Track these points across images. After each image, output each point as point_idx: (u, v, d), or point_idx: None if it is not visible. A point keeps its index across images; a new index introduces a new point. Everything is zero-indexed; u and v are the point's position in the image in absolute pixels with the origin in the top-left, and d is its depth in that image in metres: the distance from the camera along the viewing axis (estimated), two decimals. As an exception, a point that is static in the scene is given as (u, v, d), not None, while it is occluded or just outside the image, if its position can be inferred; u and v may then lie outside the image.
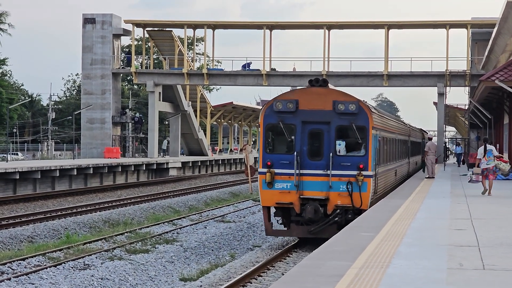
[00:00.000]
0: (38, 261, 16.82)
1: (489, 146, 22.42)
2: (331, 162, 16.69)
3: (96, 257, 17.59)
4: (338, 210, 16.78)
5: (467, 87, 45.51)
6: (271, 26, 53.79)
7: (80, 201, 34.01)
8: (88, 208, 29.51)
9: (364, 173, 16.70)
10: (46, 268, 15.83)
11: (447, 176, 33.66)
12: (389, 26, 47.94)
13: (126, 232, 22.77)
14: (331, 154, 16.71)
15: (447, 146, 49.61)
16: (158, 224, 25.61)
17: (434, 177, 30.12)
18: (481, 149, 21.93)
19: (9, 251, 18.57)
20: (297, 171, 16.82)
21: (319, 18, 71.58)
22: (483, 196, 21.48)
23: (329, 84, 17.79)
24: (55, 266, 16.14)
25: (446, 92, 45.84)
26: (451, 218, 15.33)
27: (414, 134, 36.52)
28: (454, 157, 48.52)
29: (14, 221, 24.27)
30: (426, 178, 29.56)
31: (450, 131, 62.77)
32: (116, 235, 21.99)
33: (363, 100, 18.96)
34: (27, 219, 25.16)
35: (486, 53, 39.63)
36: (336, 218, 16.67)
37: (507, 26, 29.37)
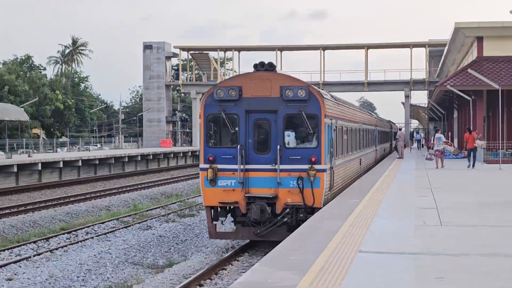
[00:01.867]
0: (113, 224, 17.13)
1: (437, 134, 23.64)
2: (279, 156, 11.48)
3: (156, 220, 17.84)
4: (288, 210, 11.61)
5: (426, 91, 48.09)
6: (281, 49, 54.97)
7: (143, 179, 34.32)
8: (149, 184, 29.75)
9: (316, 167, 11.52)
10: (119, 229, 16.13)
11: (413, 156, 33.98)
12: (368, 47, 50.28)
13: (178, 202, 23.00)
14: (278, 147, 11.50)
15: (413, 134, 50.23)
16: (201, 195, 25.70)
17: (403, 157, 29.80)
18: (433, 137, 23.61)
19: (92, 217, 18.91)
20: (242, 167, 11.63)
21: (317, 42, 68.48)
22: (438, 169, 21.71)
23: (276, 69, 12.35)
24: (125, 227, 16.41)
25: (410, 95, 48.10)
26: (416, 187, 15.10)
27: (382, 124, 33.36)
28: (416, 143, 48.78)
29: (95, 195, 24.65)
30: (397, 158, 29.05)
31: (414, 123, 63.98)
32: (170, 204, 22.25)
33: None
34: (104, 193, 25.49)
35: (439, 66, 40.88)
36: (285, 219, 11.55)
37: (454, 45, 31.79)
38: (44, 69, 69.46)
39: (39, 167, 28.57)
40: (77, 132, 67.96)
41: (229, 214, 12.42)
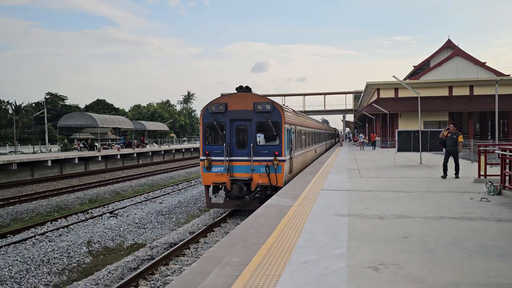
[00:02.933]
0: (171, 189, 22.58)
1: (360, 135, 47.15)
2: (252, 151, 15.17)
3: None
4: (259, 188, 15.18)
5: (352, 114, 78.60)
6: (285, 95, 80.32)
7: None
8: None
9: (278, 158, 15.02)
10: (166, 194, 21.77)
11: (347, 145, 55.70)
12: (325, 93, 78.62)
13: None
14: (252, 145, 15.19)
15: (347, 135, 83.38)
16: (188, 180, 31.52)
17: (342, 145, 52.94)
18: (359, 135, 42.35)
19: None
20: (227, 158, 15.37)
21: (301, 91, 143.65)
22: (360, 151, 37.45)
23: (252, 91, 15.89)
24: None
25: (345, 116, 79.38)
26: (348, 160, 23.59)
27: (330, 129, 54.61)
28: (347, 139, 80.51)
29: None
30: (339, 146, 50.88)
31: (347, 129, 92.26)
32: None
33: (284, 104, 19.15)
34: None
35: (359, 102, 72.73)
36: (257, 195, 15.13)
37: (366, 92, 58.18)
38: (175, 105, 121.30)
39: (173, 151, 58.67)
40: (189, 135, 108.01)
41: (220, 191, 17.10)
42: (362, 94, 64.37)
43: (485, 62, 55.91)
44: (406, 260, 5.78)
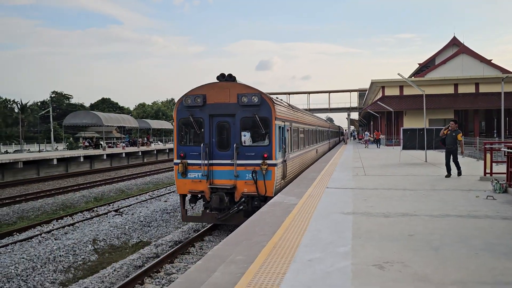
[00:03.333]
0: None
1: (366, 132, 46.36)
2: (236, 152, 12.39)
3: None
4: (244, 198, 12.34)
5: (357, 112, 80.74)
6: (289, 93, 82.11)
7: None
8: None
9: (268, 162, 12.30)
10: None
11: (352, 143, 54.43)
12: (330, 91, 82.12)
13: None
14: (235, 145, 12.40)
15: (352, 133, 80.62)
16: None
17: (347, 143, 52.77)
18: (364, 134, 44.69)
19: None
20: (206, 162, 12.61)
21: (305, 89, 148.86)
22: (365, 149, 37.45)
23: (236, 80, 12.93)
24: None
25: (349, 114, 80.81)
26: (353, 158, 23.37)
27: (333, 127, 51.54)
28: (352, 137, 77.46)
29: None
30: (344, 144, 50.84)
31: (351, 127, 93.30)
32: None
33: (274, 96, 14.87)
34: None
35: (364, 100, 72.49)
36: (241, 207, 12.34)
37: (371, 90, 58.62)
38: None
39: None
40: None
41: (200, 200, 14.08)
42: (367, 92, 64.64)
43: (491, 60, 55.62)
44: (411, 258, 5.76)
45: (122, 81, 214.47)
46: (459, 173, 14.96)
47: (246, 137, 12.66)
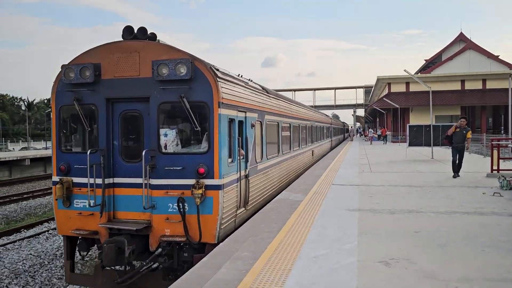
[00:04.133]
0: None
1: (370, 129, 49.10)
2: (151, 165, 7.38)
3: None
4: (162, 249, 7.38)
5: (363, 109, 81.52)
6: (294, 90, 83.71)
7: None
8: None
9: (207, 182, 7.21)
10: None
11: (357, 140, 55.35)
12: (335, 88, 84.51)
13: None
14: (144, 152, 7.32)
15: (357, 130, 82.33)
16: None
17: (353, 140, 53.47)
18: (368, 130, 46.32)
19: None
20: (101, 181, 7.58)
21: (311, 86, 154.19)
22: (370, 145, 38.31)
23: (157, 39, 7.92)
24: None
25: (355, 111, 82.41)
26: (359, 154, 23.40)
27: (337, 123, 48.99)
28: (358, 134, 79.34)
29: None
30: (350, 141, 51.49)
31: (357, 124, 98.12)
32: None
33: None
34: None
35: (370, 97, 74.70)
36: (157, 263, 7.38)
37: (377, 87, 58.92)
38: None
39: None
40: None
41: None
42: (372, 88, 64.74)
43: (498, 55, 55.27)
44: (417, 255, 5.75)
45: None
46: (457, 175, 14.05)
47: (168, 138, 7.47)
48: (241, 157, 8.58)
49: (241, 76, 9.86)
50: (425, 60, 69.05)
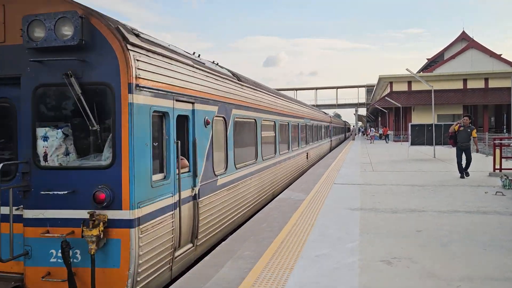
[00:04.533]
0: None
1: (372, 128, 48.89)
2: (25, 187, 4.69)
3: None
4: None
5: (365, 108, 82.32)
6: (296, 89, 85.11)
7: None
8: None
9: (110, 214, 4.47)
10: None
11: (359, 139, 55.92)
12: (337, 87, 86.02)
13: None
14: (18, 168, 4.86)
15: (359, 129, 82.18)
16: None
17: (354, 139, 54.21)
18: (370, 129, 46.72)
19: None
20: None
21: (313, 85, 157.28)
22: (371, 144, 38.67)
23: None
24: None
25: (357, 110, 79.79)
26: (361, 153, 23.47)
27: (337, 122, 46.46)
28: (360, 133, 78.88)
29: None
30: (352, 140, 52.13)
31: (359, 123, 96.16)
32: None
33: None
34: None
35: (372, 96, 73.74)
36: None
37: (379, 86, 58.79)
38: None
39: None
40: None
41: None
42: (374, 87, 65.42)
43: (501, 54, 55.12)
44: (419, 254, 5.75)
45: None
46: (467, 174, 13.70)
47: (49, 144, 4.83)
48: (186, 171, 5.90)
49: (175, 46, 6.41)
50: (427, 59, 68.94)
